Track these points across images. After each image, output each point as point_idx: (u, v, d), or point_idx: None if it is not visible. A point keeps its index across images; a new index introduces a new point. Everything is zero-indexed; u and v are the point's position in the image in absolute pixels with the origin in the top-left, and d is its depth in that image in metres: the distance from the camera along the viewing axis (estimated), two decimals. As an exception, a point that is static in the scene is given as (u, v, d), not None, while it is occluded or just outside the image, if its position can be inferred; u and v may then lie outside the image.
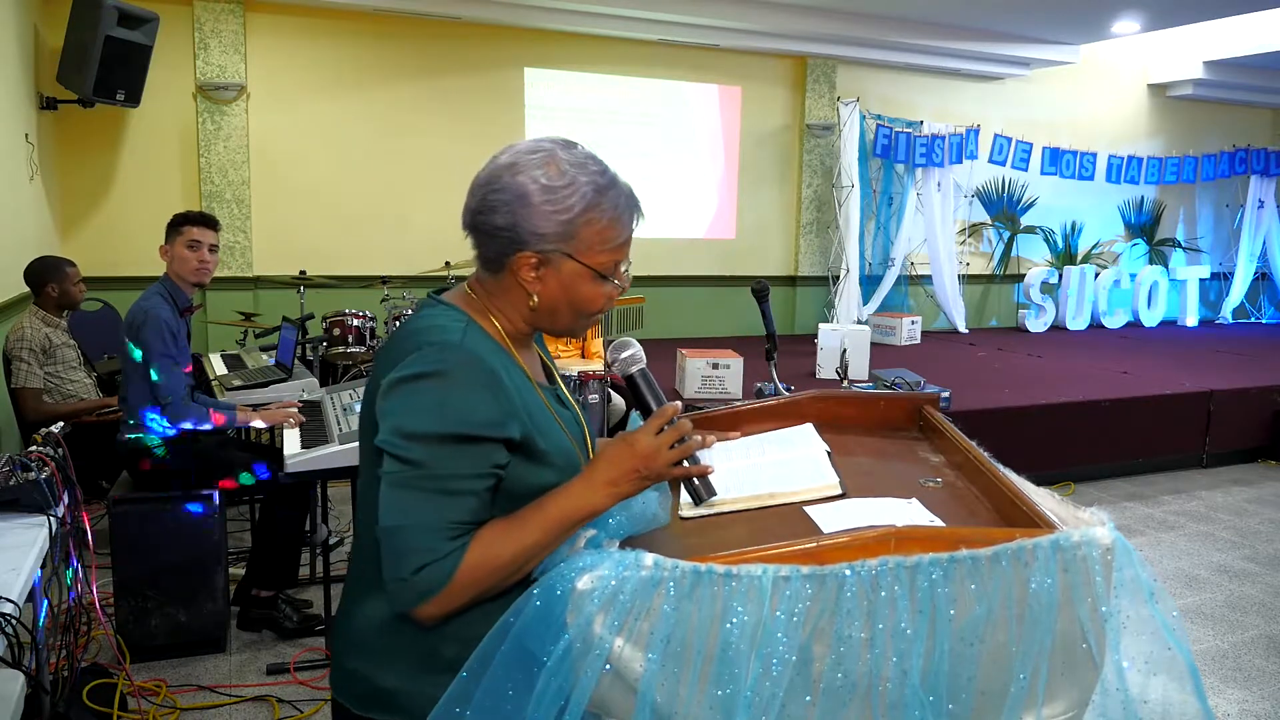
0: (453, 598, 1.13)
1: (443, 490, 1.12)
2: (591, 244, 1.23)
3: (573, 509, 1.17)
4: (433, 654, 1.19)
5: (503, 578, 1.15)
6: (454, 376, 1.15)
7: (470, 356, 1.17)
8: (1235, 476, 5.84)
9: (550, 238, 1.21)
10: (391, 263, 6.75)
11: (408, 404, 1.15)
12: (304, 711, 2.90)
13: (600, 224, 1.23)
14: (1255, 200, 10.27)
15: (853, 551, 1.03)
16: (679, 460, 1.21)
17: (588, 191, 1.22)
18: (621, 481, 1.19)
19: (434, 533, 1.12)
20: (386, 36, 6.88)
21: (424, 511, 1.12)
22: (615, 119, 7.73)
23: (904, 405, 1.70)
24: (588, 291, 1.24)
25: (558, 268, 1.23)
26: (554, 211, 1.21)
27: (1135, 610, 1.06)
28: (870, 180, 8.62)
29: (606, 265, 1.24)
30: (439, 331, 1.19)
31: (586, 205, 1.22)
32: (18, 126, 5.00)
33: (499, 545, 1.14)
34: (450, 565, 1.11)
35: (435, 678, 1.15)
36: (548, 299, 1.25)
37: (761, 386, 4.64)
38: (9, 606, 1.79)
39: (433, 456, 1.13)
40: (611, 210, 1.24)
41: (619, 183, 1.26)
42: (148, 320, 3.14)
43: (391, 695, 1.21)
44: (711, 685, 1.02)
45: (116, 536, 3.15)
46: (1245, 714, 3.03)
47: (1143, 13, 7.71)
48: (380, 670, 1.22)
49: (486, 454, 1.15)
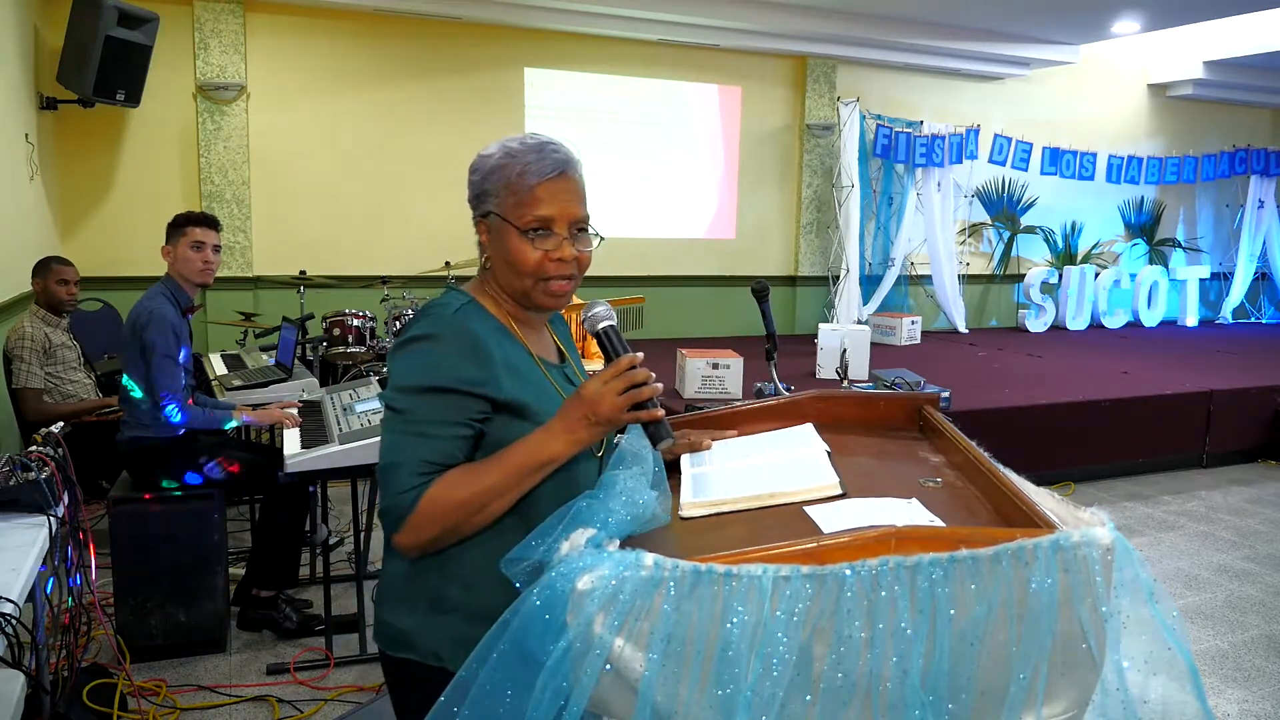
0: (420, 527, 1.28)
1: (418, 434, 1.30)
2: (506, 199, 1.37)
3: (531, 454, 1.31)
4: (441, 596, 1.36)
5: (466, 514, 1.29)
6: (441, 339, 1.33)
7: (458, 325, 1.34)
8: (1235, 476, 5.84)
9: (483, 198, 1.40)
10: (391, 263, 6.75)
11: (401, 363, 1.34)
12: (304, 711, 2.90)
13: (509, 177, 1.37)
14: (1255, 200, 10.27)
15: (853, 551, 1.03)
16: (630, 406, 1.29)
17: (504, 152, 1.39)
18: (575, 427, 1.30)
19: (407, 469, 1.28)
20: (386, 36, 6.88)
21: (402, 451, 1.30)
22: (615, 119, 7.73)
23: (904, 405, 1.70)
24: (517, 246, 1.37)
25: (496, 228, 1.39)
26: (480, 172, 1.41)
27: (1135, 610, 1.06)
28: (870, 180, 8.62)
29: (526, 220, 1.36)
30: (439, 307, 1.39)
31: (499, 163, 1.38)
32: (18, 126, 5.01)
33: (460, 484, 1.29)
34: (414, 496, 1.28)
35: (443, 617, 1.35)
36: (496, 259, 1.41)
37: (761, 386, 4.64)
38: (9, 606, 1.79)
39: (414, 404, 1.31)
40: (520, 165, 1.37)
41: (544, 149, 1.38)
42: (152, 319, 3.14)
43: (409, 634, 1.37)
44: (712, 685, 1.02)
45: (116, 536, 3.15)
46: (1245, 714, 3.03)
47: (1143, 13, 7.71)
48: (400, 614, 1.39)
49: (462, 406, 1.31)
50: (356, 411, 3.23)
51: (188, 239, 3.28)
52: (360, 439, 2.95)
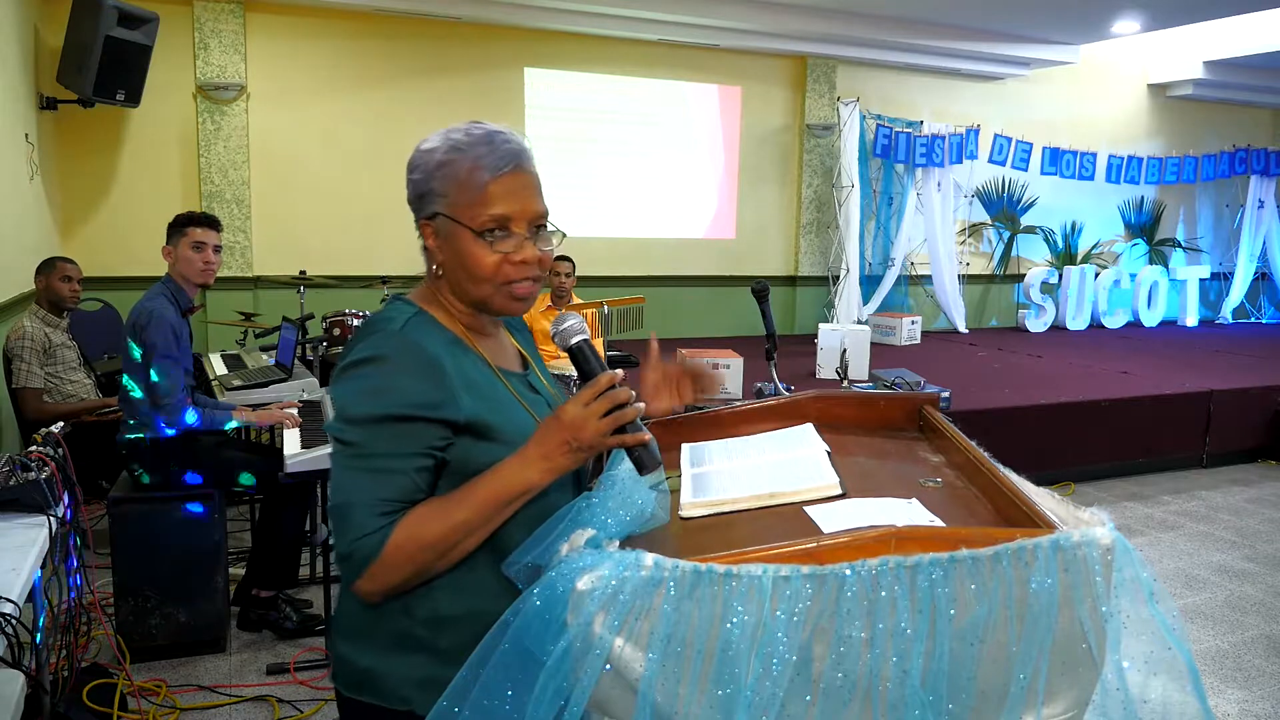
0: (385, 573, 1.16)
1: (373, 469, 1.17)
2: (458, 198, 1.23)
3: (504, 486, 1.18)
4: (404, 634, 1.23)
5: (436, 554, 1.17)
6: (389, 361, 1.19)
7: (407, 342, 1.21)
8: (1235, 476, 5.84)
9: (428, 198, 1.26)
10: (391, 263, 6.73)
11: (347, 389, 1.20)
12: (304, 711, 2.90)
13: (458, 174, 1.23)
14: (1255, 200, 10.27)
15: (853, 551, 1.03)
16: (613, 429, 1.18)
17: (449, 146, 1.25)
18: (554, 455, 1.18)
19: (366, 509, 1.15)
20: (386, 36, 6.88)
21: (358, 490, 1.17)
22: (615, 119, 7.73)
23: (904, 405, 1.70)
24: (471, 250, 1.23)
25: (445, 231, 1.25)
26: (422, 169, 1.26)
27: (1135, 610, 1.06)
28: (870, 180, 8.63)
29: (481, 221, 1.23)
30: (383, 322, 1.25)
31: (444, 157, 1.24)
32: (18, 126, 5.00)
33: (428, 522, 1.17)
34: (377, 540, 1.15)
35: (408, 657, 1.21)
36: (448, 265, 1.27)
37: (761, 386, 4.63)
38: (9, 606, 1.79)
39: (366, 437, 1.17)
40: (470, 160, 1.23)
41: (494, 139, 1.25)
42: (152, 320, 3.14)
43: (373, 675, 1.24)
44: (712, 685, 1.02)
45: (116, 536, 3.15)
46: (1245, 714, 3.03)
47: (1143, 13, 7.71)
48: (360, 652, 1.25)
49: (419, 434, 1.19)
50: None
51: (189, 239, 3.28)
52: (360, 439, 2.95)
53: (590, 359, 1.26)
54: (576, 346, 1.26)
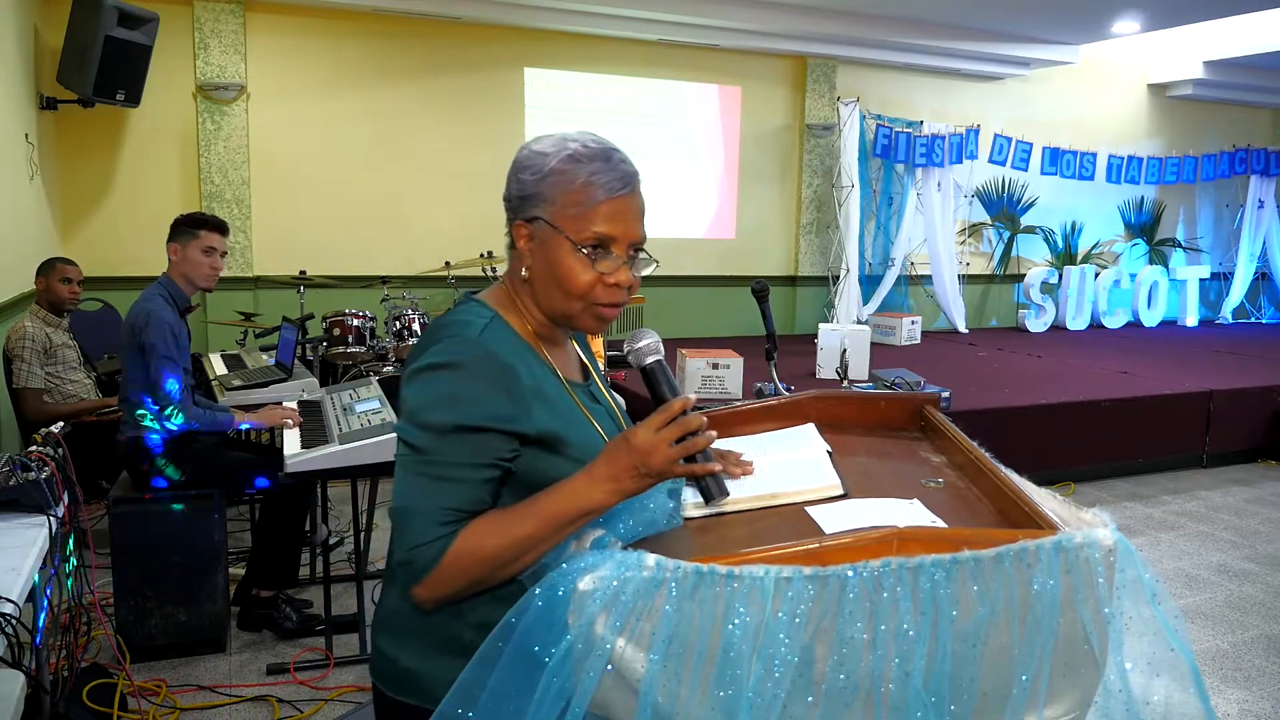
0: (441, 582, 1.15)
1: (440, 477, 1.16)
2: (565, 209, 1.22)
3: (568, 505, 1.16)
4: (453, 638, 1.22)
5: (494, 568, 1.16)
6: (467, 369, 1.18)
7: (485, 351, 1.19)
8: (1235, 476, 5.84)
9: (532, 200, 1.24)
10: (391, 263, 6.75)
11: (421, 393, 1.19)
12: (304, 711, 2.90)
13: (570, 185, 1.22)
14: (1255, 200, 10.27)
15: (855, 552, 1.03)
16: (682, 457, 1.15)
17: (566, 154, 1.24)
18: (622, 478, 1.15)
19: (429, 517, 1.15)
20: (386, 36, 6.88)
21: (422, 496, 1.16)
22: (615, 119, 7.72)
23: (904, 405, 1.70)
24: (568, 263, 1.23)
25: (543, 237, 1.24)
26: (533, 171, 1.24)
27: (1137, 611, 1.06)
28: (870, 180, 8.62)
29: (585, 236, 1.22)
30: (461, 326, 1.23)
31: (560, 165, 1.23)
32: (18, 126, 5.00)
33: (488, 536, 1.16)
34: (438, 549, 1.14)
35: (453, 660, 1.16)
36: (538, 271, 1.26)
37: (761, 386, 4.63)
38: (9, 606, 1.79)
39: (436, 444, 1.16)
40: (586, 174, 1.22)
41: (612, 158, 1.25)
42: (151, 321, 3.14)
43: (417, 676, 1.25)
44: (713, 686, 1.02)
45: (116, 536, 3.14)
46: (1245, 714, 3.03)
47: (1143, 13, 7.71)
48: (404, 651, 1.26)
49: (490, 445, 1.18)
50: (356, 411, 3.22)
51: (200, 243, 3.27)
52: (360, 439, 2.95)
53: (662, 382, 1.24)
54: (650, 368, 1.24)
